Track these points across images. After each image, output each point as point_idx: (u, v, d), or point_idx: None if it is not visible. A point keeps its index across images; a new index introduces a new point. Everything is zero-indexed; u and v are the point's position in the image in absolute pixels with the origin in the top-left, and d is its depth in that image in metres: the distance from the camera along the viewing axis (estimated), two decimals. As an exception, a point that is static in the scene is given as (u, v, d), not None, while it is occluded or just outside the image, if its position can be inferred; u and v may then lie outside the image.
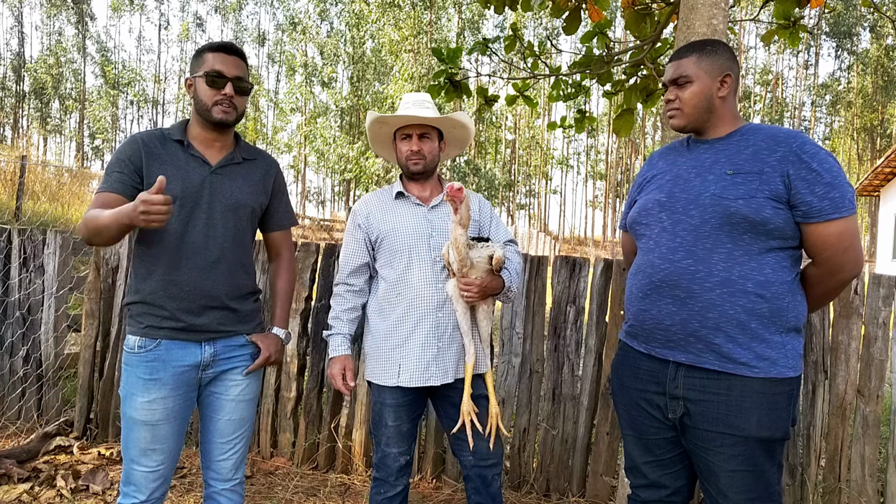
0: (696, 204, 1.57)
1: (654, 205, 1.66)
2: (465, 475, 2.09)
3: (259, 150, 1.94)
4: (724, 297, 1.51)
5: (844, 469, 2.48)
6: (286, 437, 3.24)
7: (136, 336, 1.70)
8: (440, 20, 32.23)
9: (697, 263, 1.54)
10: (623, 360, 1.78)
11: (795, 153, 1.51)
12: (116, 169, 1.68)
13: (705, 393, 1.55)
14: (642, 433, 1.71)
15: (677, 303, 1.56)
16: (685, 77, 1.63)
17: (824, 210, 1.48)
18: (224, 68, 1.71)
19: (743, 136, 1.62)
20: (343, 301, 2.12)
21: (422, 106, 2.05)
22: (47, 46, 44.06)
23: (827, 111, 44.99)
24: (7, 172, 11.06)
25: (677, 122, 1.67)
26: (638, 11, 3.64)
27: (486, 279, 1.92)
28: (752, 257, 1.52)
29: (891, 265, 16.32)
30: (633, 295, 1.70)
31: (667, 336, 1.60)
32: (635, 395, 1.71)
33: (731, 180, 1.55)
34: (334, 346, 2.10)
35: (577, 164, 51.67)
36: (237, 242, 1.80)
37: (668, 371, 1.62)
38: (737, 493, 1.53)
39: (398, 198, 2.10)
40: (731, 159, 1.58)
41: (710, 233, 1.54)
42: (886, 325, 2.44)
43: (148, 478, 1.71)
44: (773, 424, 1.51)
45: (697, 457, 1.60)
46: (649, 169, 1.81)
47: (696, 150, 1.69)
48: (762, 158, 1.54)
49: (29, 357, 3.48)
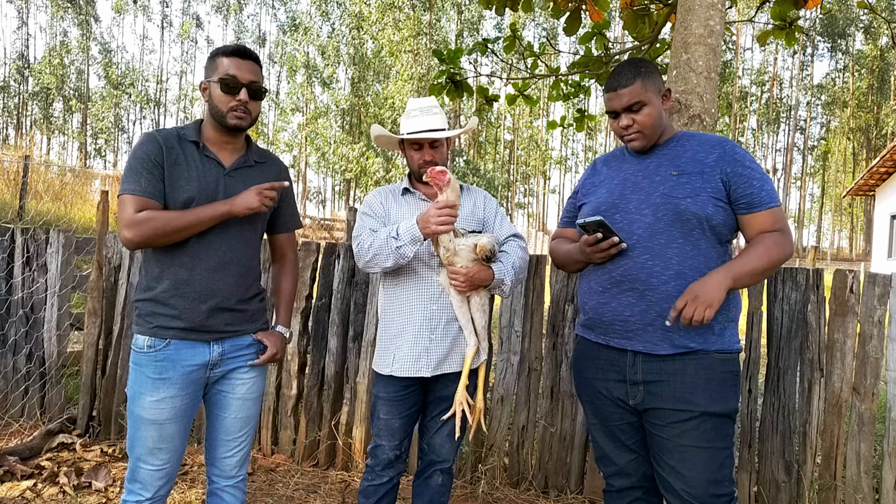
0: (647, 203, 1.71)
1: (607, 207, 1.77)
2: (418, 468, 2.14)
3: (269, 153, 1.96)
4: (679, 288, 1.64)
5: (840, 466, 2.51)
6: (287, 434, 3.26)
7: (144, 336, 1.72)
8: (440, 21, 32.27)
9: (654, 258, 1.67)
10: (582, 353, 1.88)
11: (729, 154, 1.70)
12: (147, 169, 1.68)
13: (662, 374, 1.68)
14: (606, 420, 1.82)
15: (636, 295, 1.68)
16: (639, 102, 1.72)
17: (763, 200, 1.67)
18: (238, 73, 1.72)
19: (679, 142, 1.78)
20: (372, 232, 2.00)
21: (429, 112, 2.03)
22: (52, 47, 44.10)
23: (823, 111, 45.06)
24: (10, 172, 11.09)
25: (640, 143, 1.76)
26: (636, 12, 3.67)
27: (473, 268, 1.91)
28: (699, 251, 1.67)
29: (886, 264, 16.36)
30: (591, 290, 1.81)
31: (625, 327, 1.71)
32: (597, 385, 1.81)
33: (676, 180, 1.70)
34: (404, 232, 1.88)
35: (575, 164, 51.72)
36: (248, 245, 1.82)
37: (626, 359, 1.73)
38: (689, 469, 1.63)
39: (405, 194, 2.12)
40: (673, 162, 1.74)
41: (663, 229, 1.68)
42: (882, 323, 2.46)
43: (154, 476, 1.73)
44: (722, 400, 1.66)
45: (653, 437, 1.71)
46: (594, 175, 1.92)
47: (639, 157, 1.82)
48: (700, 160, 1.71)
49: (32, 355, 3.51)
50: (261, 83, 1.77)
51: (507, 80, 4.31)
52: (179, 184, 1.70)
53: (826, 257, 34.38)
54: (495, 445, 3.03)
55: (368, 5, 27.67)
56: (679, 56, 2.42)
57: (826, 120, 45.43)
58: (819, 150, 45.91)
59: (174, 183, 1.70)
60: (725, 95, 36.27)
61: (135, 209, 1.64)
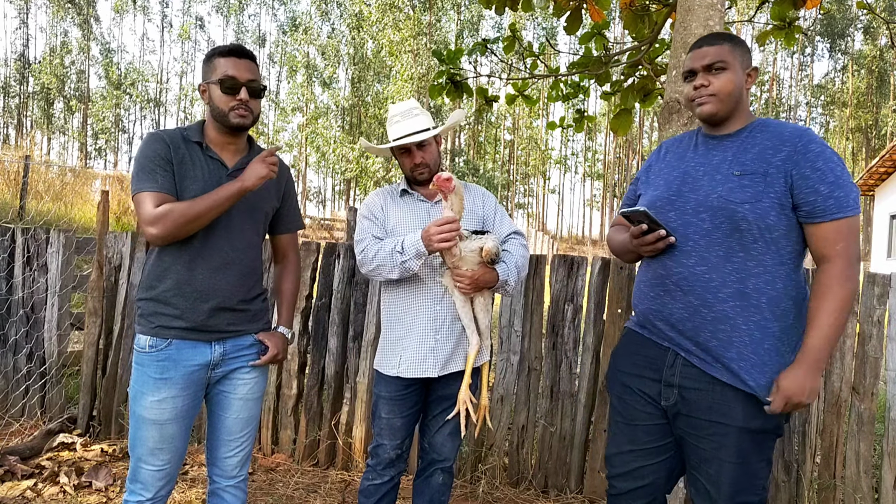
0: (705, 205, 1.55)
1: (662, 203, 1.63)
2: (419, 467, 2.15)
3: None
4: (738, 311, 1.49)
5: (839, 466, 2.51)
6: (287, 434, 3.27)
7: (146, 335, 1.72)
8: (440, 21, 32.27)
9: (711, 271, 1.52)
10: (624, 346, 1.78)
11: (801, 152, 1.48)
12: (160, 166, 1.68)
13: (699, 382, 1.56)
14: (632, 419, 1.70)
15: (690, 309, 1.55)
16: (722, 63, 1.56)
17: (828, 209, 1.45)
18: (237, 73, 1.72)
19: (751, 134, 1.59)
20: (375, 242, 2.02)
21: (410, 115, 2.03)
22: (52, 47, 44.11)
23: (822, 111, 45.08)
24: (11, 172, 11.09)
25: (710, 108, 1.58)
26: (635, 12, 3.67)
27: (478, 271, 1.92)
28: (764, 269, 1.49)
29: (885, 264, 16.39)
30: (643, 293, 1.69)
31: (677, 331, 1.60)
32: (630, 380, 1.71)
33: (738, 181, 1.52)
34: (409, 247, 1.89)
35: (574, 164, 51.72)
36: (251, 245, 1.83)
37: (667, 358, 1.62)
38: (725, 483, 1.54)
39: (403, 195, 2.13)
40: (737, 158, 1.56)
41: (721, 239, 1.52)
42: (881, 323, 2.47)
43: (155, 476, 1.73)
44: (762, 414, 1.51)
45: (688, 444, 1.60)
46: (658, 160, 1.78)
47: (705, 147, 1.65)
48: (767, 159, 1.52)
49: (32, 355, 3.51)
50: (259, 81, 1.78)
51: (507, 81, 4.32)
52: (185, 183, 1.71)
53: (826, 257, 34.24)
54: (495, 445, 3.04)
55: (368, 5, 27.69)
56: (679, 56, 2.43)
57: (825, 120, 45.45)
58: (818, 150, 45.79)
59: (181, 182, 1.71)
60: (725, 95, 36.19)
61: (154, 205, 1.64)
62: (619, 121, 3.89)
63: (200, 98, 1.81)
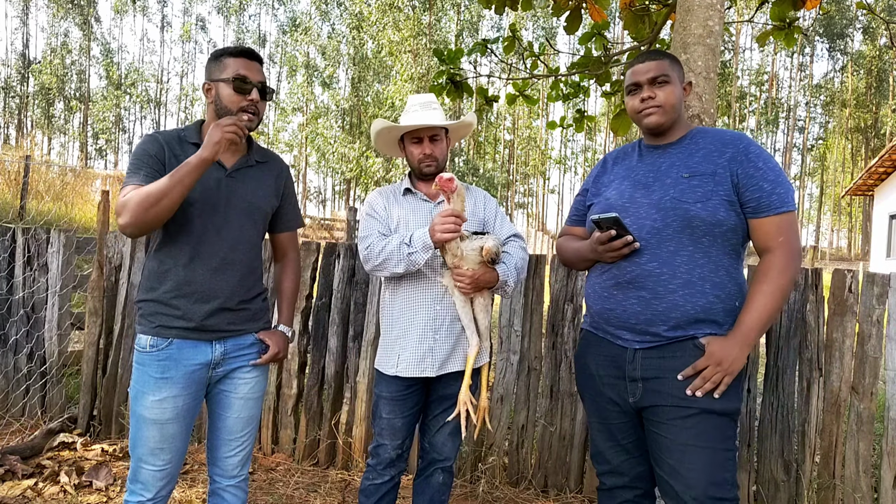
0: (657, 207, 1.65)
1: (617, 209, 1.72)
2: (419, 467, 2.15)
3: (270, 152, 1.96)
4: (686, 298, 1.61)
5: (839, 465, 2.51)
6: (287, 433, 3.27)
7: (147, 335, 1.72)
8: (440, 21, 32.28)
9: (662, 266, 1.63)
10: (585, 347, 1.86)
11: (743, 153, 1.63)
12: (147, 164, 1.68)
13: (662, 371, 1.64)
14: (605, 419, 1.79)
15: (643, 303, 1.65)
16: (665, 76, 1.68)
17: (772, 204, 1.60)
18: (249, 74, 1.72)
19: (693, 140, 1.72)
20: (381, 238, 2.01)
21: (429, 107, 2.06)
22: (53, 48, 44.10)
23: (822, 111, 45.11)
24: (11, 172, 11.10)
25: (657, 119, 1.70)
26: (635, 12, 3.67)
27: (479, 271, 1.92)
28: (710, 259, 1.62)
29: (885, 264, 16.40)
30: (596, 293, 1.78)
31: (629, 329, 1.69)
32: (598, 383, 1.79)
33: (687, 183, 1.64)
34: (417, 240, 1.90)
35: (574, 164, 51.73)
36: (250, 244, 1.83)
37: (626, 355, 1.71)
38: (689, 469, 1.56)
39: (406, 194, 2.13)
40: (685, 162, 1.68)
41: (672, 236, 1.63)
42: (880, 322, 2.47)
43: (155, 476, 1.73)
44: (723, 397, 1.60)
45: (652, 436, 1.67)
46: (603, 173, 1.88)
47: (650, 156, 1.77)
48: (713, 160, 1.65)
49: (33, 354, 3.52)
50: (268, 84, 1.79)
51: (507, 81, 4.32)
52: None
53: (825, 257, 34.40)
54: (495, 445, 3.04)
55: (368, 5, 27.69)
56: (678, 56, 2.43)
57: (825, 120, 45.47)
58: (818, 151, 45.94)
59: None
60: (724, 96, 36.30)
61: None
62: (619, 121, 3.89)
63: (204, 97, 1.79)
